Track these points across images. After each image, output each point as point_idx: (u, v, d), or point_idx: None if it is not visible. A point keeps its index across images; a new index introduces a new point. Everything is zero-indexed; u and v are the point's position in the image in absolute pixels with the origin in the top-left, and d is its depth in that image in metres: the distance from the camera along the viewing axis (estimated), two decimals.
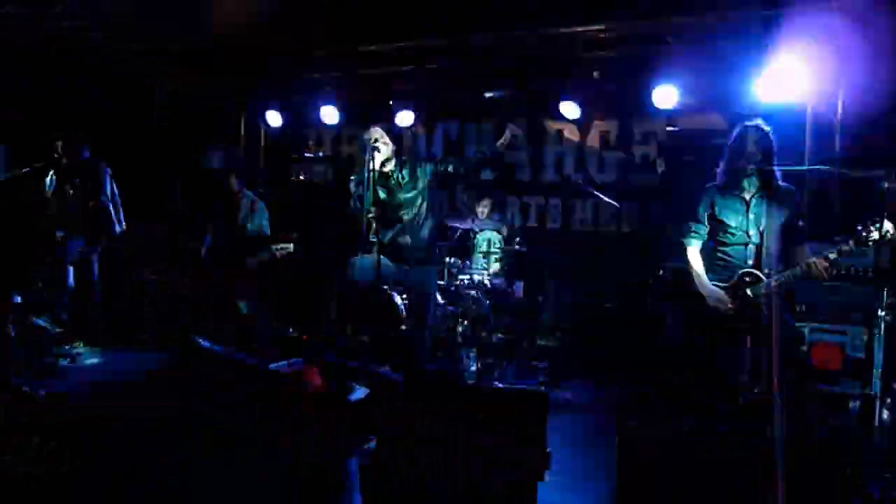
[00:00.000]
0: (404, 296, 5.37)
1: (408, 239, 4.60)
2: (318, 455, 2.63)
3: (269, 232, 5.45)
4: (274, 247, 5.24)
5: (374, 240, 4.56)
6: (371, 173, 4.36)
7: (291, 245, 5.27)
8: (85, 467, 2.89)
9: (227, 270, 5.27)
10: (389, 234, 4.60)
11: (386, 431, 2.82)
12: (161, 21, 7.01)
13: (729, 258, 3.82)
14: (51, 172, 5.72)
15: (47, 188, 5.69)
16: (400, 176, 4.60)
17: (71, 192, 5.71)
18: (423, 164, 4.67)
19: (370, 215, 4.48)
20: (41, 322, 5.20)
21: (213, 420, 3.11)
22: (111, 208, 5.77)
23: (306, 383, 2.75)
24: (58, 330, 5.30)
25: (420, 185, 4.61)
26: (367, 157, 4.36)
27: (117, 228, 5.85)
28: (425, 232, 4.67)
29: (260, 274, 5.55)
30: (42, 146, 5.74)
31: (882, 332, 4.65)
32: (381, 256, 4.46)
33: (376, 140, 4.46)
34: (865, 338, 4.52)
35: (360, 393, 2.94)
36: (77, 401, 4.06)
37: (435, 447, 2.96)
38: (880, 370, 4.62)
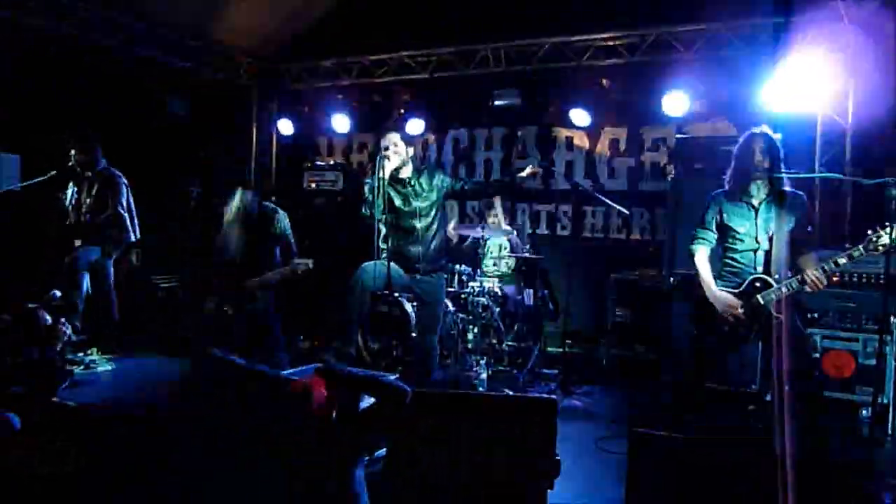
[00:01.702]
0: (415, 303, 5.38)
1: (419, 248, 4.62)
2: (323, 463, 2.64)
3: (292, 238, 5.46)
4: (295, 262, 5.26)
5: (385, 246, 4.58)
6: (381, 181, 4.38)
7: (311, 261, 5.29)
8: (91, 468, 2.92)
9: (245, 280, 5.29)
10: (400, 242, 4.62)
11: (394, 440, 2.83)
12: (174, 29, 7.11)
13: (738, 264, 3.81)
14: (71, 184, 5.78)
15: (68, 201, 5.75)
16: (417, 184, 4.62)
17: (88, 201, 5.77)
18: (440, 175, 4.69)
19: (379, 222, 4.50)
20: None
21: (222, 427, 3.13)
22: (126, 218, 5.83)
23: (312, 394, 2.77)
24: (75, 337, 5.34)
25: (435, 195, 4.64)
26: (377, 164, 4.40)
27: (132, 237, 5.91)
28: (436, 241, 4.69)
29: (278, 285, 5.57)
30: (55, 154, 5.81)
31: (894, 339, 4.63)
32: (392, 264, 4.48)
33: (387, 148, 4.49)
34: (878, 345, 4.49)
35: (368, 402, 2.95)
36: (89, 407, 4.10)
37: (444, 455, 2.97)
38: (893, 377, 4.61)
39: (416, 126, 7.50)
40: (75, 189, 5.79)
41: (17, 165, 6.27)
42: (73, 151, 5.73)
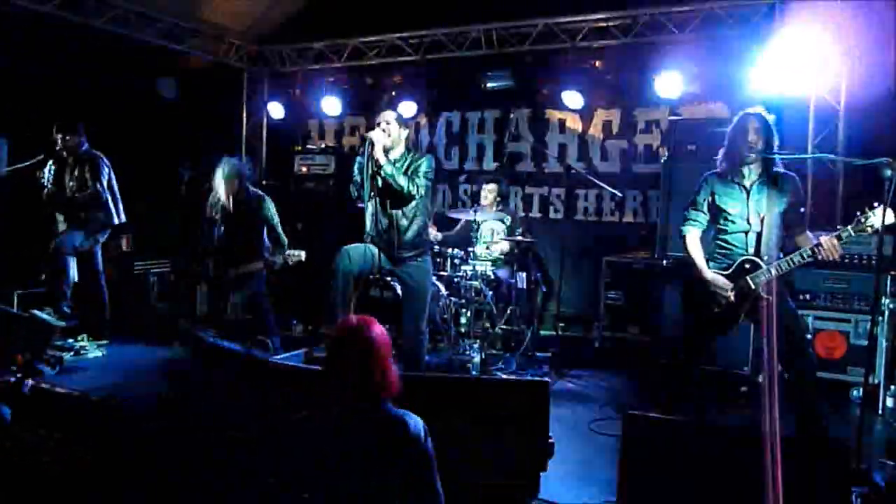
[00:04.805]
0: (401, 288, 5.35)
1: (396, 233, 4.55)
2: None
3: (278, 224, 5.41)
4: (287, 253, 5.23)
5: (369, 229, 4.52)
6: (368, 161, 4.32)
7: (303, 253, 5.26)
8: (90, 460, 2.91)
9: (235, 266, 5.26)
10: (381, 225, 4.56)
11: None
12: (163, 11, 7.01)
13: (729, 246, 3.79)
14: (49, 163, 5.71)
15: (46, 180, 5.68)
16: (403, 167, 4.56)
17: (71, 183, 5.72)
18: (427, 169, 4.62)
19: (363, 203, 4.46)
20: (44, 315, 5.21)
21: (217, 414, 3.12)
22: (108, 200, 5.76)
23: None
24: (61, 323, 5.31)
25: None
26: (364, 143, 4.34)
27: (115, 220, 5.85)
28: (416, 226, 4.59)
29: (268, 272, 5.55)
30: (43, 138, 5.74)
31: (886, 320, 4.66)
32: (376, 247, 4.44)
33: (378, 124, 4.42)
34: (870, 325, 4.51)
35: None
36: (82, 394, 4.09)
37: (438, 438, 2.97)
38: (884, 358, 4.63)
39: (408, 109, 7.45)
40: (53, 167, 5.72)
41: (5, 150, 6.21)
42: (59, 135, 5.66)
